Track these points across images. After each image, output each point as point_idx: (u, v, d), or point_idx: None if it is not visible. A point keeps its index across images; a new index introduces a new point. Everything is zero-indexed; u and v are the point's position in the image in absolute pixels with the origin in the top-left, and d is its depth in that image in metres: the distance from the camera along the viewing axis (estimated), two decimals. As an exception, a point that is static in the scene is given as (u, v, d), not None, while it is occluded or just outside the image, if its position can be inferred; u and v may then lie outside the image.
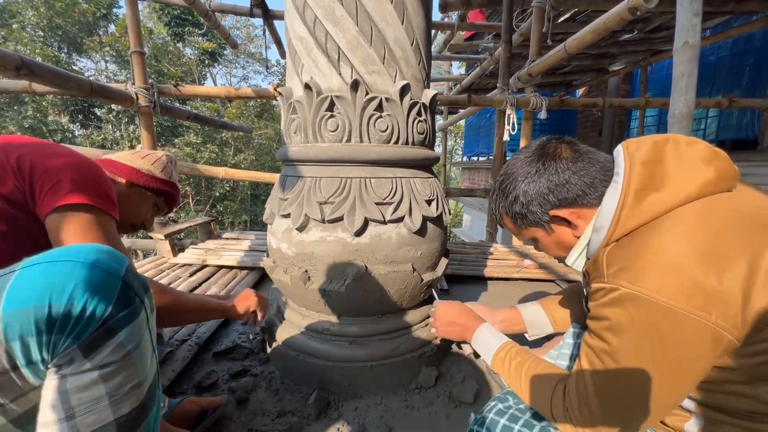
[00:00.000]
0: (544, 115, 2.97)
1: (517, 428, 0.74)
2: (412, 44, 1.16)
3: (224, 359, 1.38)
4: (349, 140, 1.13)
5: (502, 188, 0.79)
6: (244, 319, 1.20)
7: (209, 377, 1.24)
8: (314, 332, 1.24)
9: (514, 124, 3.00)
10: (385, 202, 1.13)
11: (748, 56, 4.15)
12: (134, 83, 2.77)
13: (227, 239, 2.93)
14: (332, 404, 1.14)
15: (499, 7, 3.39)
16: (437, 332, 1.11)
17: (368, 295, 1.16)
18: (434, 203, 1.23)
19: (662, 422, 0.68)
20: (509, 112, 3.01)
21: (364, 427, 1.06)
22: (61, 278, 0.49)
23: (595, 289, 0.63)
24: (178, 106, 4.16)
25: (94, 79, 2.95)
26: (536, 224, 0.77)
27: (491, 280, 2.33)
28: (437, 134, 5.37)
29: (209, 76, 14.13)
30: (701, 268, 0.53)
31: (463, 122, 10.46)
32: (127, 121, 9.32)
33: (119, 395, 0.51)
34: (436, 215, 1.21)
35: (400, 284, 1.17)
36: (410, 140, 1.18)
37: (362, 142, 1.13)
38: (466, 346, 1.09)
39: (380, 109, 1.12)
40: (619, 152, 0.69)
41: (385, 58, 1.12)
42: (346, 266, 1.14)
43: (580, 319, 1.06)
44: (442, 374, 1.28)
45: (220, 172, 3.24)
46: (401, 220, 1.15)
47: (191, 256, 2.46)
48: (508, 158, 0.85)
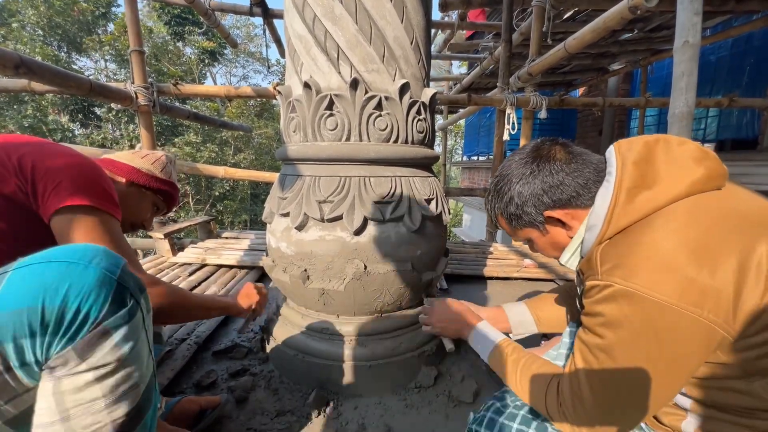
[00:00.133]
0: (544, 114, 2.96)
1: (515, 426, 0.75)
2: (411, 43, 1.16)
3: (223, 358, 1.38)
4: (348, 139, 1.12)
5: (497, 189, 0.80)
6: (246, 315, 1.20)
7: (208, 376, 1.24)
8: (313, 331, 1.24)
9: (514, 123, 2.99)
10: (384, 201, 1.12)
11: (748, 56, 4.15)
12: (134, 82, 2.76)
13: (227, 238, 2.93)
14: (331, 403, 1.14)
15: (499, 6, 3.38)
16: (432, 329, 1.12)
17: (367, 294, 1.15)
18: (434, 202, 1.23)
19: (659, 422, 0.68)
20: (509, 111, 3.00)
21: (363, 426, 1.06)
22: (54, 279, 0.48)
23: (589, 286, 0.64)
24: (177, 105, 4.16)
25: (93, 78, 2.94)
26: (531, 225, 0.78)
27: (491, 279, 2.33)
28: (437, 134, 5.37)
29: (209, 75, 14.12)
30: (693, 264, 0.54)
31: (463, 122, 10.45)
32: (126, 120, 9.32)
33: (115, 397, 0.51)
34: (435, 214, 1.21)
35: (399, 283, 1.17)
36: (410, 139, 1.18)
37: (361, 140, 1.13)
38: (446, 340, 1.12)
39: (379, 107, 1.11)
40: (611, 152, 0.70)
41: (384, 56, 1.12)
42: (345, 265, 1.14)
43: (574, 318, 1.07)
44: (441, 374, 1.28)
45: (219, 171, 3.23)
46: (401, 219, 1.15)
47: (191, 255, 2.45)
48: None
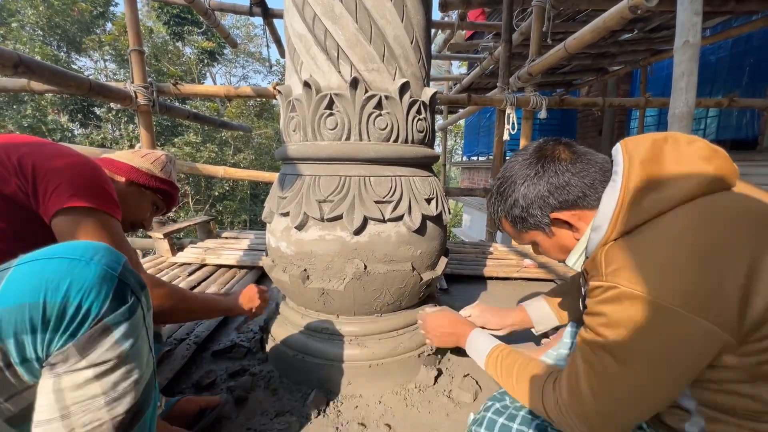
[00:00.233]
0: (544, 114, 2.96)
1: (515, 427, 0.75)
2: (411, 42, 1.16)
3: (223, 358, 1.38)
4: (348, 138, 1.12)
5: (500, 192, 0.78)
6: (247, 314, 1.21)
7: (208, 376, 1.24)
8: (313, 331, 1.23)
9: (514, 123, 2.99)
10: (384, 200, 1.12)
11: (748, 56, 4.15)
12: (133, 82, 2.76)
13: (226, 238, 2.93)
14: (331, 403, 1.13)
15: (499, 6, 3.38)
16: (431, 342, 1.17)
17: (367, 294, 1.15)
18: (434, 202, 1.22)
19: (662, 422, 0.68)
20: (509, 111, 3.00)
21: (363, 426, 1.06)
22: (56, 275, 0.48)
23: (593, 287, 0.63)
24: (177, 105, 4.16)
25: (93, 77, 2.94)
26: (536, 227, 0.76)
27: (491, 279, 2.33)
28: (437, 134, 5.37)
29: (209, 75, 14.12)
30: (700, 267, 0.53)
31: (462, 122, 10.45)
32: (126, 120, 9.31)
33: (115, 394, 0.51)
34: (435, 214, 1.21)
35: (399, 283, 1.17)
36: (410, 138, 1.18)
37: (361, 140, 1.13)
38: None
39: (380, 107, 1.11)
40: (617, 151, 0.68)
41: (384, 55, 1.12)
42: (345, 265, 1.14)
43: (576, 317, 1.07)
44: (441, 373, 1.28)
45: (219, 171, 3.23)
46: (401, 218, 1.15)
47: (190, 255, 2.45)
48: (507, 158, 0.85)
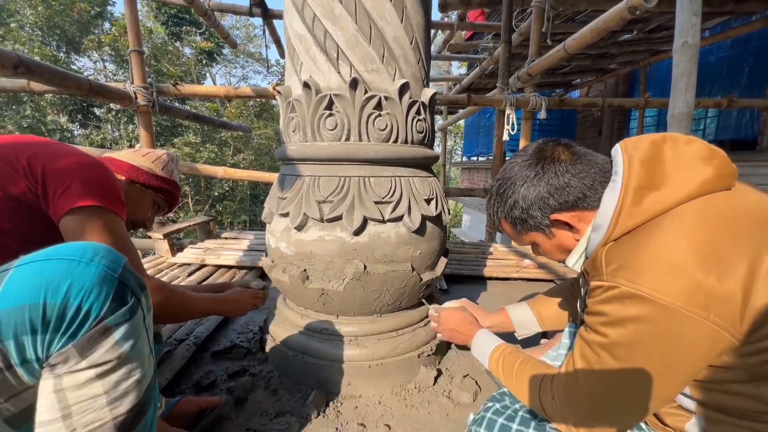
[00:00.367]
0: (543, 114, 2.96)
1: (515, 427, 0.75)
2: (411, 43, 1.16)
3: (223, 359, 1.38)
4: (348, 139, 1.12)
5: (500, 193, 0.78)
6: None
7: (208, 377, 1.24)
8: (313, 332, 1.24)
9: (513, 123, 2.99)
10: (384, 201, 1.12)
11: (747, 57, 4.15)
12: (133, 82, 2.76)
13: (226, 239, 2.93)
14: (331, 404, 1.13)
15: (498, 6, 3.38)
16: (442, 336, 1.22)
17: (367, 294, 1.15)
18: (433, 202, 1.22)
19: (662, 422, 0.68)
20: (509, 111, 3.00)
21: (363, 426, 1.06)
22: (56, 276, 0.48)
23: (593, 287, 0.63)
24: (177, 105, 4.16)
25: (92, 78, 2.94)
26: (536, 229, 0.76)
27: (490, 279, 2.33)
28: (437, 134, 5.37)
29: (209, 75, 14.12)
30: (701, 267, 0.53)
31: (462, 122, 10.46)
32: (126, 120, 9.32)
33: (117, 393, 0.51)
34: (435, 214, 1.21)
35: (399, 283, 1.17)
36: (409, 139, 1.18)
37: (361, 140, 1.13)
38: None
39: (379, 107, 1.11)
40: (617, 151, 0.68)
41: (384, 56, 1.12)
42: (344, 265, 1.14)
43: (573, 318, 1.07)
44: (441, 374, 1.28)
45: (219, 171, 3.23)
46: (400, 219, 1.15)
47: (190, 255, 2.45)
48: (507, 158, 0.84)
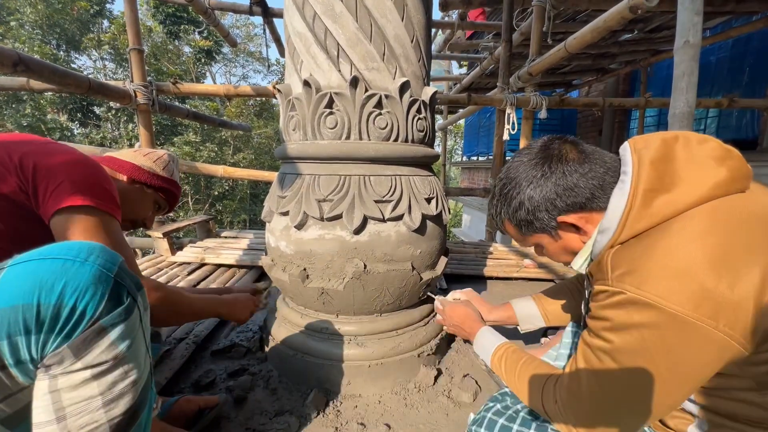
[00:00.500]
0: (544, 114, 2.96)
1: (515, 428, 0.74)
2: (412, 41, 1.15)
3: (222, 358, 1.37)
4: (348, 137, 1.12)
5: (503, 193, 0.73)
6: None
7: (207, 376, 1.23)
8: (313, 331, 1.23)
9: (514, 123, 2.99)
10: (384, 199, 1.12)
11: (748, 56, 4.15)
12: (133, 81, 2.75)
13: (226, 238, 2.93)
14: (331, 403, 1.13)
15: (499, 6, 3.38)
16: (447, 329, 1.26)
17: (367, 293, 1.15)
18: (434, 201, 1.22)
19: (664, 424, 0.68)
20: (509, 111, 2.99)
21: (362, 426, 1.06)
22: (50, 276, 0.48)
23: (598, 290, 0.61)
24: (177, 104, 4.15)
25: (92, 76, 2.94)
26: (542, 231, 0.72)
27: (491, 279, 2.33)
28: (437, 133, 5.36)
29: (209, 74, 14.10)
30: (712, 274, 0.51)
31: (462, 122, 10.46)
32: (125, 119, 9.31)
33: (112, 396, 0.50)
34: (435, 213, 1.21)
35: (399, 283, 1.17)
36: (410, 138, 1.18)
37: (361, 139, 1.12)
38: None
39: (380, 106, 1.11)
40: (625, 150, 0.65)
41: (384, 54, 1.11)
42: (344, 264, 1.13)
43: (575, 316, 1.07)
44: (441, 373, 1.28)
45: (218, 170, 3.22)
46: (400, 218, 1.14)
47: (190, 254, 2.44)
48: (508, 158, 0.82)
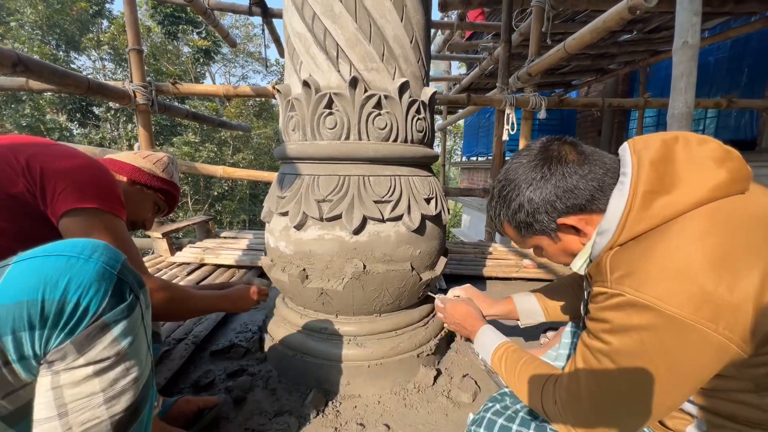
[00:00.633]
0: (543, 114, 2.96)
1: (515, 428, 0.74)
2: (411, 42, 1.16)
3: (221, 358, 1.37)
4: (347, 138, 1.12)
5: (503, 195, 0.73)
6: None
7: (206, 376, 1.23)
8: (312, 331, 1.23)
9: (513, 123, 2.99)
10: (383, 200, 1.12)
11: (746, 57, 4.16)
12: (132, 81, 2.75)
13: (225, 238, 2.92)
14: (330, 403, 1.13)
15: (498, 6, 3.38)
16: (448, 327, 1.25)
17: (366, 293, 1.15)
18: (433, 201, 1.22)
19: (663, 425, 0.68)
20: (508, 111, 3.00)
21: (362, 426, 1.06)
22: (54, 272, 0.48)
23: (596, 292, 0.61)
24: (176, 104, 4.15)
25: (91, 77, 2.93)
26: (542, 233, 0.72)
27: (490, 279, 2.33)
28: (436, 134, 5.37)
29: (208, 75, 14.10)
30: (711, 276, 0.50)
31: (462, 122, 10.47)
32: (125, 119, 9.30)
33: (114, 392, 0.50)
34: (434, 214, 1.21)
35: (398, 283, 1.17)
36: (409, 138, 1.18)
37: (361, 139, 1.12)
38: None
39: (379, 106, 1.11)
40: (625, 151, 0.64)
41: (384, 55, 1.12)
42: (344, 265, 1.13)
43: (575, 312, 1.07)
44: (440, 373, 1.28)
45: (218, 170, 3.22)
46: (400, 218, 1.14)
47: (189, 254, 2.44)
48: (507, 158, 0.82)
